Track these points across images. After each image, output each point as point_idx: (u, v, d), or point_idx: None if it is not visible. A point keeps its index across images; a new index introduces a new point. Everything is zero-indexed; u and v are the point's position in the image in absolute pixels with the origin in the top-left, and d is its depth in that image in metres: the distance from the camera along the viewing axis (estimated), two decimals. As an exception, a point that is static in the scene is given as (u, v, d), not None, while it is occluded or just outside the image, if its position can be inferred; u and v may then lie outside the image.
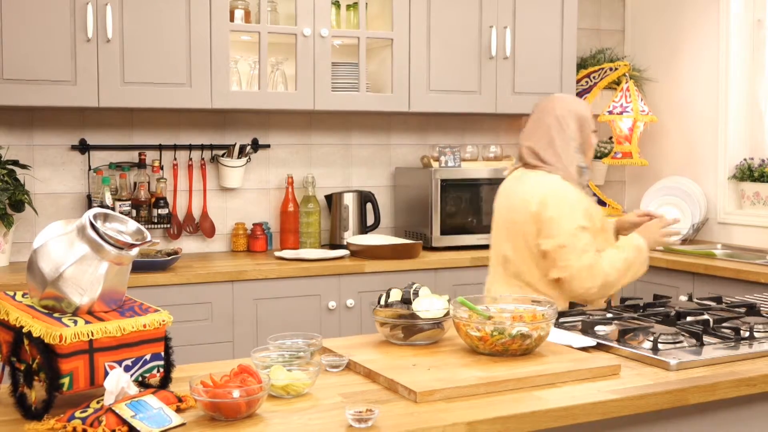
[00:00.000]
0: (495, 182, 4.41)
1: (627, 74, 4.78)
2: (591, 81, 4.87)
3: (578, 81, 4.82)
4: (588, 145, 3.00)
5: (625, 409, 1.87)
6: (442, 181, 4.29)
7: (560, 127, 2.95)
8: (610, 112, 4.64)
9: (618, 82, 4.85)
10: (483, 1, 4.39)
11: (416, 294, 2.31)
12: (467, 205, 4.38)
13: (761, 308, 2.65)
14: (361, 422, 1.64)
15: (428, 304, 2.26)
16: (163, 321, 1.80)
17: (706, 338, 2.28)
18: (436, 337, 2.29)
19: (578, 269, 2.78)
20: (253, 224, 4.30)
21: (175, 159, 4.19)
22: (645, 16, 5.20)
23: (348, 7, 4.30)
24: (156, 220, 4.06)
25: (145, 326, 1.77)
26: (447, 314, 2.26)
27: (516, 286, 2.92)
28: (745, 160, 4.61)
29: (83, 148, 4.02)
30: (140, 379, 1.79)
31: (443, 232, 4.30)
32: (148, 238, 1.81)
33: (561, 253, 2.80)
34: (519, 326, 2.10)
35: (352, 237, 4.27)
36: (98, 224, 1.76)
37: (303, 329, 3.25)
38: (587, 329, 2.38)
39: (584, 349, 2.23)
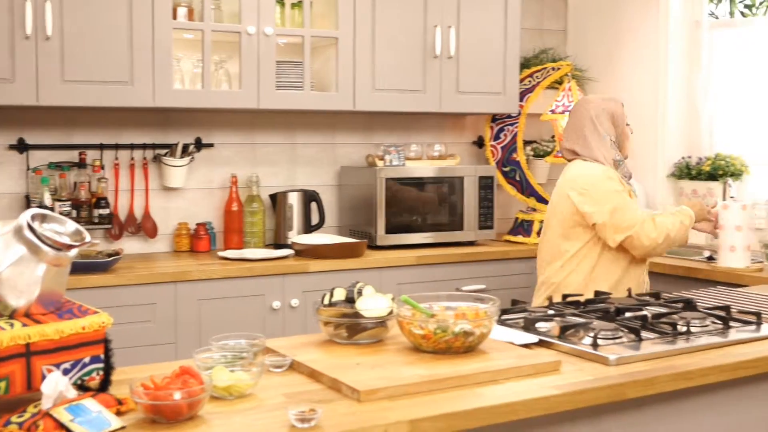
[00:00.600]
0: (439, 181, 4.45)
1: (569, 74, 4.83)
2: (534, 80, 4.92)
3: (521, 80, 4.86)
4: (624, 136, 3.36)
5: (566, 404, 1.90)
6: (387, 180, 4.30)
7: (594, 126, 3.28)
8: (553, 111, 4.68)
9: (560, 82, 4.90)
10: (427, 1, 4.41)
11: (360, 293, 2.32)
12: (412, 204, 4.40)
13: (698, 304, 2.70)
14: (304, 422, 1.64)
15: (372, 303, 2.27)
16: (103, 323, 1.78)
17: (644, 333, 2.32)
18: (380, 336, 2.30)
19: (640, 224, 3.14)
20: (197, 224, 4.27)
21: (116, 158, 4.14)
22: (586, 16, 5.27)
23: (293, 5, 4.28)
24: (97, 221, 4.01)
25: (84, 328, 1.75)
26: (391, 313, 2.27)
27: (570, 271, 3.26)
28: (683, 158, 4.69)
29: (21, 147, 3.95)
30: (79, 382, 1.76)
31: (388, 231, 4.31)
32: (87, 239, 1.79)
33: (617, 215, 3.14)
34: (462, 324, 2.11)
35: (296, 236, 4.26)
36: (36, 225, 1.73)
37: (247, 330, 3.23)
38: (529, 326, 2.40)
39: (526, 345, 2.25)
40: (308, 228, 4.40)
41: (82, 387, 1.78)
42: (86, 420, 1.58)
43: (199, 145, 4.32)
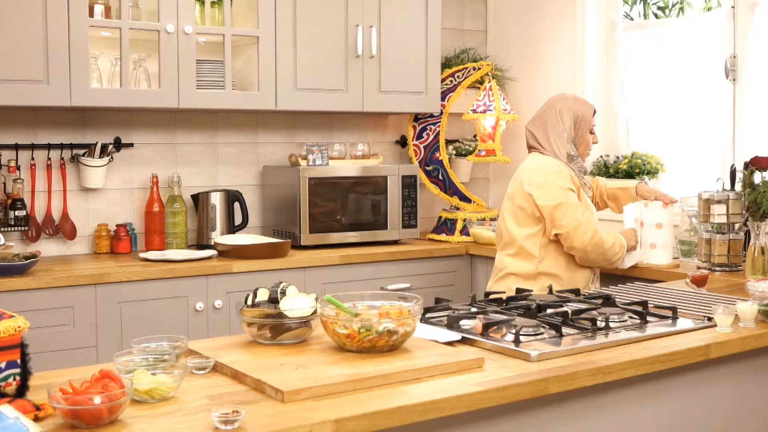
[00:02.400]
0: (363, 180, 4.45)
1: (489, 74, 4.89)
2: (455, 80, 4.96)
3: (443, 80, 4.91)
4: (581, 140, 3.55)
5: (489, 400, 1.92)
6: (310, 179, 4.29)
7: (556, 120, 3.52)
8: (474, 111, 4.73)
9: (481, 82, 4.96)
10: (349, 1, 4.41)
11: (283, 293, 2.31)
12: (335, 204, 4.40)
13: (616, 299, 2.76)
14: (227, 424, 1.63)
15: (295, 303, 2.26)
16: (19, 327, 1.74)
17: (565, 329, 2.36)
18: (304, 336, 2.29)
19: (575, 227, 3.33)
20: (117, 225, 4.19)
21: (32, 159, 4.05)
22: (506, 17, 5.34)
23: (212, 3, 4.24)
24: (12, 223, 3.91)
25: (-1, 333, 1.70)
26: (314, 312, 2.27)
27: (512, 257, 3.49)
28: (601, 156, 4.79)
29: (-68, 147, 3.84)
30: (-5, 388, 1.72)
31: (312, 231, 4.30)
32: (1, 242, 1.75)
33: (558, 211, 3.35)
34: (386, 323, 2.12)
35: (219, 237, 4.23)
36: (-53, 228, 1.68)
37: (170, 332, 3.20)
38: (452, 324, 2.43)
39: (450, 343, 2.27)
40: (231, 228, 4.37)
41: (-3, 393, 1.74)
42: (3, 427, 1.54)
43: (119, 144, 4.25)
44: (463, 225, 4.72)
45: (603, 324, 2.43)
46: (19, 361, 1.75)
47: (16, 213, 3.92)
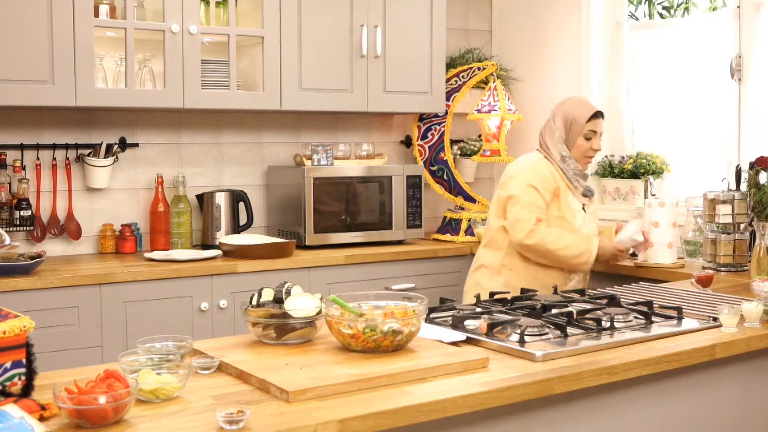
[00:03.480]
0: (368, 180, 4.46)
1: (494, 74, 4.89)
2: (460, 80, 4.96)
3: (448, 80, 4.91)
4: (571, 142, 3.55)
5: (494, 400, 1.92)
6: (315, 179, 4.29)
7: (552, 120, 3.60)
8: (479, 111, 4.73)
9: (486, 82, 4.95)
10: (353, 1, 4.41)
11: (288, 293, 2.31)
12: (340, 204, 4.40)
13: (621, 299, 2.76)
14: (232, 424, 1.63)
15: (300, 303, 2.26)
16: (24, 327, 1.74)
17: (570, 329, 2.36)
18: (309, 336, 2.29)
19: (516, 219, 3.40)
20: (122, 225, 4.20)
21: (38, 159, 4.05)
22: (511, 17, 5.33)
23: (217, 3, 4.24)
24: (18, 223, 3.91)
25: (4, 333, 1.70)
26: (319, 312, 2.27)
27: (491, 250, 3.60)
28: (606, 157, 4.78)
29: (-62, 147, 3.84)
30: (0, 387, 1.72)
31: (317, 231, 4.30)
32: (7, 242, 1.75)
33: (509, 204, 3.45)
34: (390, 323, 2.12)
35: (224, 237, 4.23)
36: (-48, 228, 1.68)
37: (175, 332, 3.20)
38: (457, 324, 2.42)
39: (454, 343, 2.27)
40: (236, 228, 4.37)
41: (3, 392, 1.74)
42: (8, 426, 1.55)
43: (124, 144, 4.25)
44: (467, 225, 4.72)
45: (608, 324, 2.42)
46: (24, 360, 1.75)
47: (22, 213, 3.92)
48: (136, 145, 4.30)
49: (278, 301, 2.29)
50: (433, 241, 4.74)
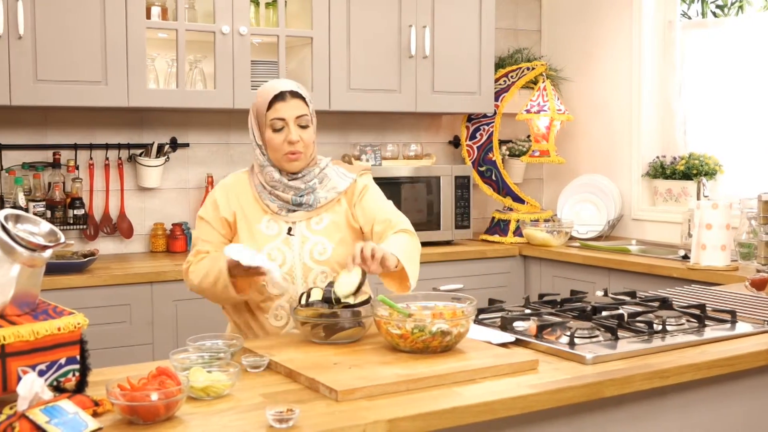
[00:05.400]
0: (416, 180, 4.45)
1: (544, 74, 4.86)
2: (509, 80, 4.93)
3: (497, 80, 4.88)
4: (266, 142, 2.58)
5: (544, 403, 1.90)
6: (363, 179, 4.28)
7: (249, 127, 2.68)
8: (528, 111, 4.70)
9: (535, 82, 4.92)
10: (402, 1, 4.41)
11: (331, 285, 2.33)
12: (388, 204, 4.39)
13: (673, 302, 2.72)
14: (281, 422, 1.63)
15: (345, 280, 2.30)
16: (79, 324, 1.76)
17: (620, 332, 2.34)
18: (358, 336, 2.29)
19: (186, 264, 2.59)
20: (173, 224, 4.24)
21: (91, 158, 4.11)
22: (561, 16, 5.29)
23: (267, 5, 4.27)
24: (72, 221, 3.98)
25: (59, 329, 1.73)
26: (361, 286, 2.29)
27: None
28: (657, 158, 4.72)
29: (-6, 147, 3.92)
30: (55, 383, 1.74)
31: (364, 231, 4.30)
32: (62, 240, 1.77)
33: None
34: (439, 323, 2.11)
35: (273, 236, 4.24)
36: (9, 226, 1.71)
37: (224, 330, 3.21)
38: (506, 325, 2.41)
39: (503, 345, 2.26)
40: (284, 228, 4.38)
41: (58, 388, 1.77)
42: (62, 421, 1.57)
43: (175, 145, 4.30)
44: (516, 226, 4.69)
45: (660, 327, 2.39)
46: (78, 357, 1.78)
47: (75, 212, 3.98)
48: (187, 145, 4.35)
49: (327, 300, 2.30)
50: (482, 241, 4.72)
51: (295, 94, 2.55)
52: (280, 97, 2.53)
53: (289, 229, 2.55)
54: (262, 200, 2.58)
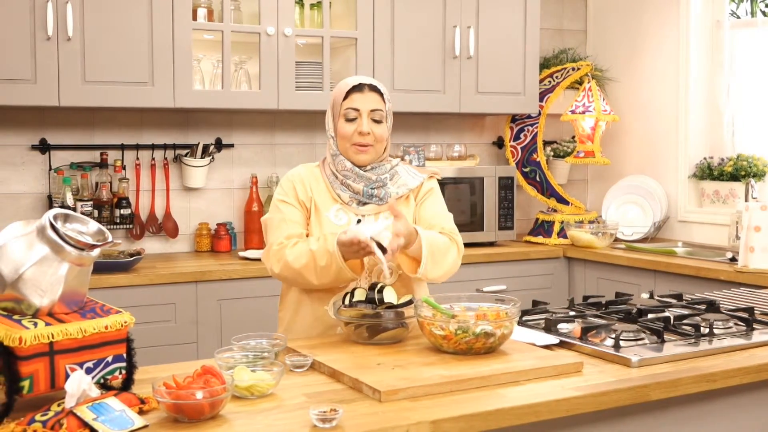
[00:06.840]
0: (459, 181, 4.44)
1: (589, 74, 4.82)
2: (554, 81, 4.90)
3: (541, 81, 4.85)
4: (337, 132, 2.60)
5: (588, 405, 1.89)
6: (407, 180, 4.28)
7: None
8: (573, 112, 4.67)
9: (580, 82, 4.88)
10: (447, 1, 4.40)
11: (380, 292, 2.32)
12: (431, 205, 4.38)
13: (721, 305, 2.68)
14: (325, 422, 1.64)
15: (369, 226, 2.28)
16: (125, 322, 1.79)
17: (666, 335, 2.31)
18: (401, 337, 2.29)
19: (267, 248, 2.53)
20: (217, 224, 4.28)
21: (137, 159, 4.16)
22: (606, 16, 5.24)
23: (312, 6, 4.29)
24: (118, 221, 4.03)
25: (106, 328, 1.75)
26: (410, 301, 2.28)
27: None
28: (704, 158, 4.66)
29: (43, 147, 3.98)
30: (102, 381, 1.77)
31: (408, 232, 4.29)
32: (110, 239, 1.79)
33: (265, 228, 2.62)
34: (483, 325, 2.10)
35: (316, 236, 4.26)
36: (58, 225, 1.74)
37: (267, 330, 3.23)
38: (550, 327, 2.39)
39: (547, 346, 2.24)
40: (328, 228, 4.40)
41: (104, 386, 1.79)
42: (109, 419, 1.59)
43: (220, 145, 4.33)
44: (560, 227, 4.66)
45: (707, 330, 2.36)
46: (124, 355, 1.80)
47: (122, 211, 4.03)
48: (232, 145, 4.38)
49: (370, 301, 2.30)
50: (525, 243, 4.70)
51: (374, 88, 2.58)
52: (357, 88, 2.57)
53: (358, 221, 2.54)
54: (334, 190, 2.58)
